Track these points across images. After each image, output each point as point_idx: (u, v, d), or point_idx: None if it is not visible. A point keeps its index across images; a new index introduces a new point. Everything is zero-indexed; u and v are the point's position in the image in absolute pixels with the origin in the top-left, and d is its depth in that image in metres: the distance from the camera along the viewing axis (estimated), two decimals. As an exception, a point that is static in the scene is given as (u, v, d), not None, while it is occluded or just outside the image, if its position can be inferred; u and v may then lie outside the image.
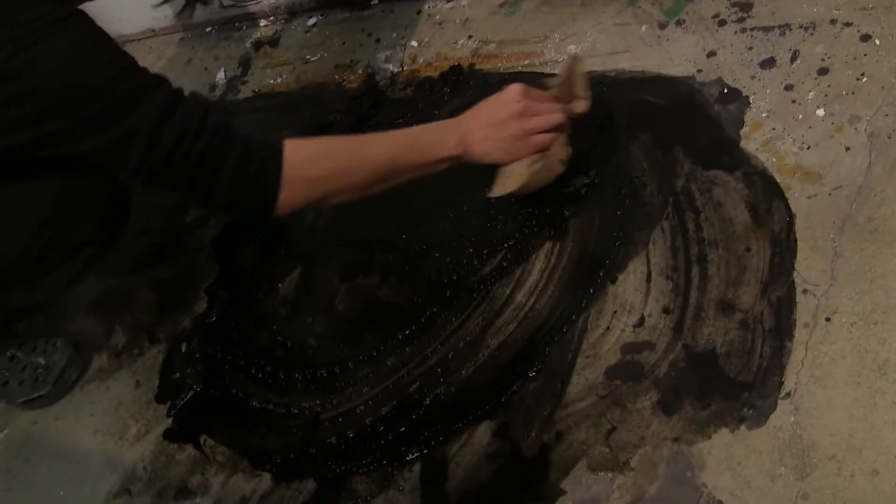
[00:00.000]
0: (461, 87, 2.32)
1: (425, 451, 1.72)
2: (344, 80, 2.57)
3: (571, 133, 1.88)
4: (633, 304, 1.72)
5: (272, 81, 2.71)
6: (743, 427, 1.50)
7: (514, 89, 1.84)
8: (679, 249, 1.75)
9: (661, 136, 1.94)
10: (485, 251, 1.94)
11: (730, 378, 1.56)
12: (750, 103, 1.89)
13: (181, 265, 2.32)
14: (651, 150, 1.93)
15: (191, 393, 2.04)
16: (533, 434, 1.65)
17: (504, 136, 1.82)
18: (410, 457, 1.73)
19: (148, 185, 1.67)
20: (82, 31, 1.60)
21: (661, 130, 1.95)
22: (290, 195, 1.71)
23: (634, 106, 2.03)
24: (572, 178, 1.93)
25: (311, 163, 1.74)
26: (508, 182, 1.87)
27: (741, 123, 1.87)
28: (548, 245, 1.89)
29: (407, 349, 1.87)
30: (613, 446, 1.57)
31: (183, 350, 2.13)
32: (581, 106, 1.88)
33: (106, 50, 1.62)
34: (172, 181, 1.67)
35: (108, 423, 2.11)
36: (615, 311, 1.72)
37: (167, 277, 2.32)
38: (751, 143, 1.83)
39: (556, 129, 1.84)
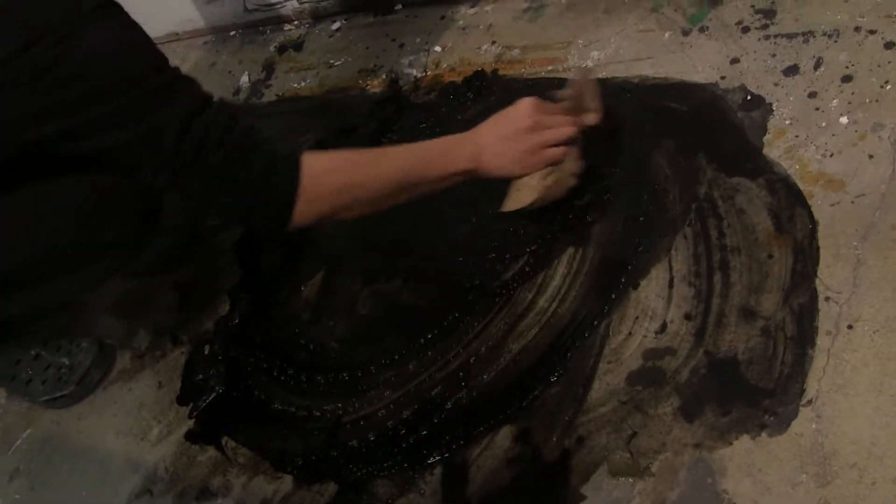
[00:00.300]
0: (484, 92, 2.33)
1: (446, 455, 1.72)
2: (367, 85, 2.57)
3: (583, 146, 1.89)
4: (655, 309, 1.72)
5: (296, 85, 2.72)
6: (764, 434, 1.49)
7: (526, 103, 1.84)
8: (701, 256, 1.75)
9: (684, 143, 1.94)
10: (507, 256, 1.94)
11: (751, 385, 1.56)
12: (773, 110, 1.88)
13: (204, 267, 2.33)
14: (674, 156, 1.93)
15: (213, 395, 2.05)
16: (554, 439, 1.65)
17: (516, 150, 1.82)
18: (431, 460, 1.73)
19: (170, 187, 1.67)
20: (119, 22, 1.60)
21: (684, 137, 1.95)
22: (305, 207, 1.70)
23: (657, 112, 2.03)
24: (586, 190, 1.94)
25: (327, 176, 1.73)
26: (521, 196, 1.88)
27: (764, 130, 1.86)
28: (570, 250, 1.89)
29: (429, 353, 1.88)
30: (634, 452, 1.57)
31: (205, 352, 2.14)
32: (592, 118, 1.90)
33: (142, 42, 1.62)
34: (197, 181, 1.66)
35: (130, 423, 2.12)
36: (637, 317, 1.73)
37: (189, 279, 2.33)
38: (774, 150, 1.83)
39: (567, 142, 1.85)
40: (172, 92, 1.61)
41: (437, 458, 1.73)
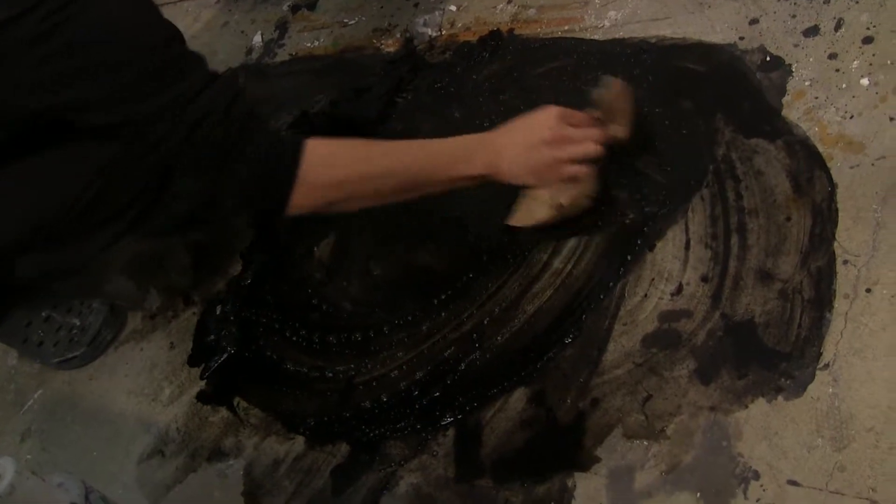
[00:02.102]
0: (500, 52, 2.30)
1: (460, 417, 1.72)
2: (382, 45, 2.56)
3: (605, 165, 1.83)
4: (671, 272, 1.71)
5: (309, 45, 2.71)
6: (780, 397, 1.49)
7: (550, 113, 1.76)
8: (718, 218, 1.74)
9: (702, 104, 1.92)
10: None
11: (768, 348, 1.55)
12: (792, 72, 1.86)
13: (216, 228, 2.32)
14: (692, 117, 1.91)
15: (225, 355, 2.05)
16: (568, 401, 1.64)
17: (535, 161, 1.75)
18: (445, 422, 1.73)
19: (173, 161, 1.68)
20: None
21: (702, 98, 1.93)
22: (302, 195, 1.67)
23: (675, 73, 2.01)
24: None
25: (329, 168, 1.70)
26: (532, 212, 1.83)
27: (783, 92, 1.85)
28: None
29: (442, 314, 1.87)
30: (649, 414, 1.56)
31: (217, 312, 2.13)
32: (621, 131, 1.83)
33: (152, 14, 1.60)
34: (193, 161, 1.66)
35: (142, 384, 2.12)
36: (653, 279, 1.71)
37: (202, 240, 2.32)
38: (793, 111, 1.81)
39: (589, 160, 1.78)
40: (182, 70, 1.59)
41: (451, 419, 1.73)
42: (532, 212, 1.83)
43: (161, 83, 1.56)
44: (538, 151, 1.74)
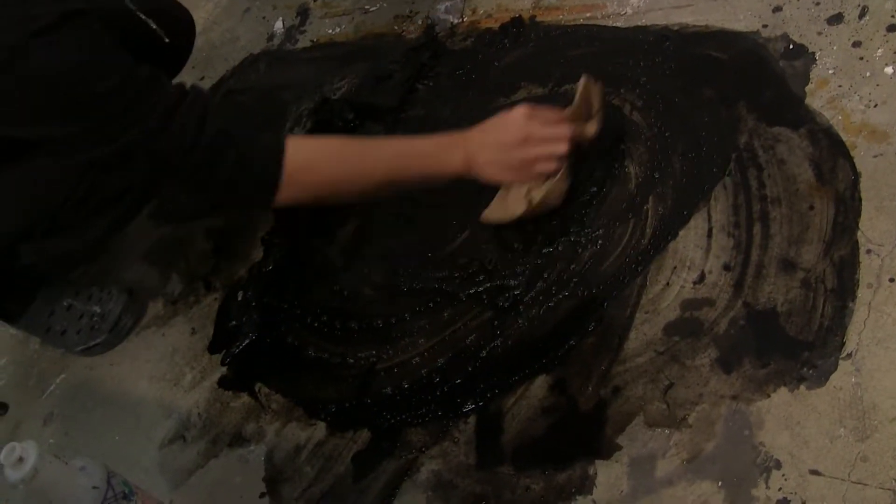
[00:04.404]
0: (522, 39, 2.30)
1: (481, 404, 1.72)
2: (403, 31, 2.55)
3: (573, 163, 1.86)
4: (693, 260, 1.71)
5: (330, 31, 2.70)
6: (802, 387, 1.49)
7: (520, 113, 1.81)
8: (741, 206, 1.73)
9: (725, 92, 1.92)
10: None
11: (790, 337, 1.55)
12: (816, 60, 1.86)
13: (237, 214, 2.32)
14: (714, 105, 1.91)
15: (246, 341, 2.05)
16: (590, 389, 1.64)
17: (507, 160, 1.80)
18: (466, 409, 1.73)
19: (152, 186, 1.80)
20: (82, 34, 1.59)
21: (724, 86, 1.93)
22: (286, 195, 1.74)
23: (697, 61, 2.00)
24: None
25: (310, 170, 1.77)
26: (507, 208, 1.90)
27: (807, 80, 1.84)
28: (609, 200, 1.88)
29: (464, 301, 1.87)
30: (671, 403, 1.56)
31: (239, 298, 2.14)
32: (592, 129, 1.85)
33: (106, 53, 1.62)
34: (171, 186, 1.81)
35: (163, 369, 2.13)
36: (675, 267, 1.71)
37: (223, 226, 2.32)
38: (816, 100, 1.80)
39: (560, 158, 1.81)
40: (139, 110, 1.62)
41: (472, 406, 1.73)
42: (506, 208, 1.90)
43: (121, 125, 1.61)
44: (510, 151, 1.79)
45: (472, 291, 1.87)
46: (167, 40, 2.02)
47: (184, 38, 2.27)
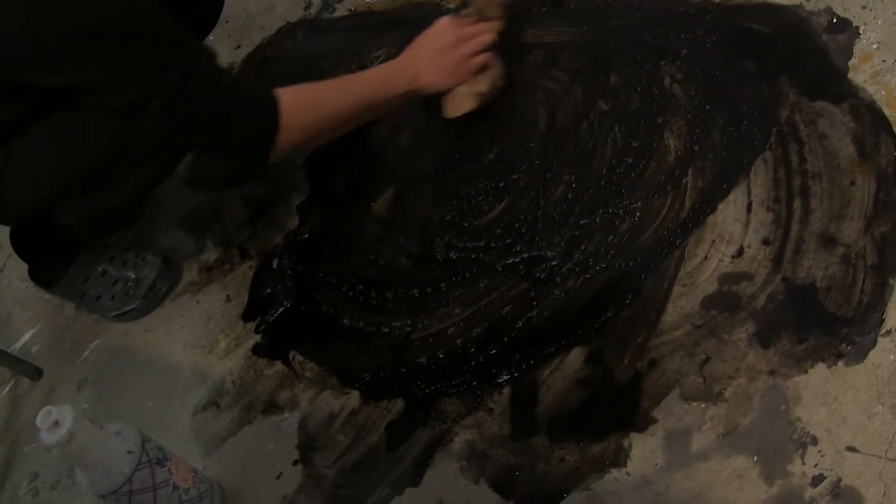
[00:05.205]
0: (561, 10, 2.28)
1: (516, 375, 1.72)
2: (441, 0, 2.54)
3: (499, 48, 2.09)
4: (732, 234, 1.70)
5: (368, 0, 2.69)
6: (841, 363, 1.48)
7: (444, 21, 2.07)
8: (781, 181, 1.72)
9: (766, 66, 1.90)
10: (584, 178, 1.92)
11: (829, 313, 1.54)
12: (860, 34, 1.84)
13: (274, 182, 2.32)
14: (755, 79, 1.89)
15: (281, 309, 2.05)
16: (626, 361, 1.64)
17: (448, 63, 2.04)
18: (501, 379, 1.73)
19: (169, 135, 1.83)
20: None
21: (766, 60, 1.91)
22: (284, 140, 1.86)
23: (739, 34, 1.98)
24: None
25: (301, 111, 1.89)
26: (460, 104, 2.08)
27: (850, 54, 1.82)
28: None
29: (500, 271, 1.87)
30: (707, 377, 1.56)
31: (274, 266, 2.14)
32: (498, 24, 2.11)
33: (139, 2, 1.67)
34: (183, 138, 1.87)
35: (197, 336, 2.13)
36: (713, 241, 1.70)
37: (259, 194, 2.33)
38: (859, 74, 1.79)
39: (489, 48, 2.06)
40: (166, 60, 1.69)
41: (507, 377, 1.73)
42: (461, 104, 2.09)
43: (151, 71, 1.68)
44: (446, 55, 2.04)
45: (508, 262, 1.86)
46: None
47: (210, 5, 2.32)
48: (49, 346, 2.32)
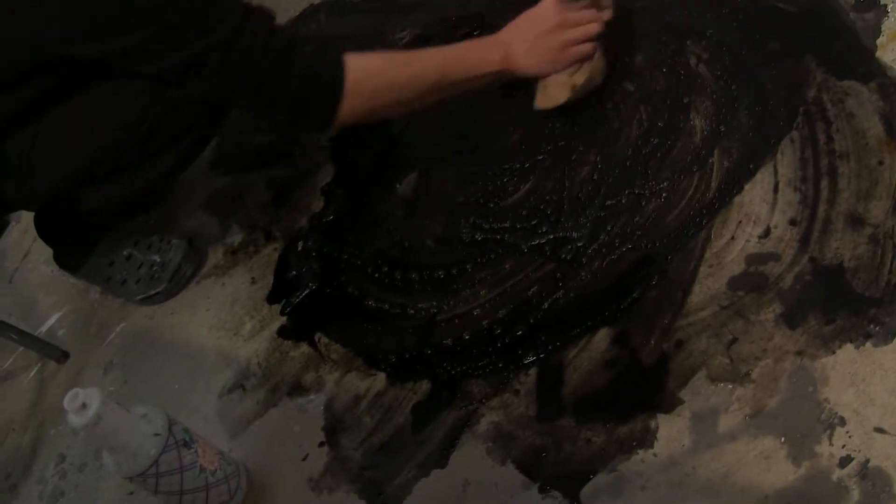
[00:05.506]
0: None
1: (542, 356, 1.72)
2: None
3: (606, 43, 1.98)
4: (758, 214, 1.69)
5: (391, -19, 2.69)
6: (869, 344, 1.47)
7: (550, 2, 1.94)
8: (808, 161, 1.71)
9: (793, 45, 1.88)
10: (609, 159, 1.92)
11: (857, 293, 1.53)
12: (888, 12, 1.82)
13: (298, 164, 2.33)
14: (781, 58, 1.88)
15: (306, 291, 2.06)
16: (652, 342, 1.63)
17: (546, 48, 1.93)
18: (527, 361, 1.73)
19: (222, 97, 1.82)
20: None
21: (792, 39, 1.90)
22: (349, 107, 1.81)
23: (765, 13, 1.97)
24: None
25: (370, 77, 1.84)
26: (554, 94, 1.98)
27: (878, 33, 1.81)
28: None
29: (526, 252, 1.86)
30: (734, 357, 1.55)
31: (299, 248, 2.15)
32: (607, 14, 1.98)
33: None
34: (240, 98, 1.82)
35: (223, 318, 2.14)
36: (740, 221, 1.69)
37: (283, 176, 2.33)
38: (888, 53, 1.77)
39: (594, 38, 1.94)
40: (212, 18, 1.68)
41: (533, 358, 1.72)
42: (555, 94, 1.98)
43: (194, 31, 1.66)
44: (546, 39, 1.92)
45: (534, 243, 1.86)
46: None
47: None
48: (75, 330, 2.33)
